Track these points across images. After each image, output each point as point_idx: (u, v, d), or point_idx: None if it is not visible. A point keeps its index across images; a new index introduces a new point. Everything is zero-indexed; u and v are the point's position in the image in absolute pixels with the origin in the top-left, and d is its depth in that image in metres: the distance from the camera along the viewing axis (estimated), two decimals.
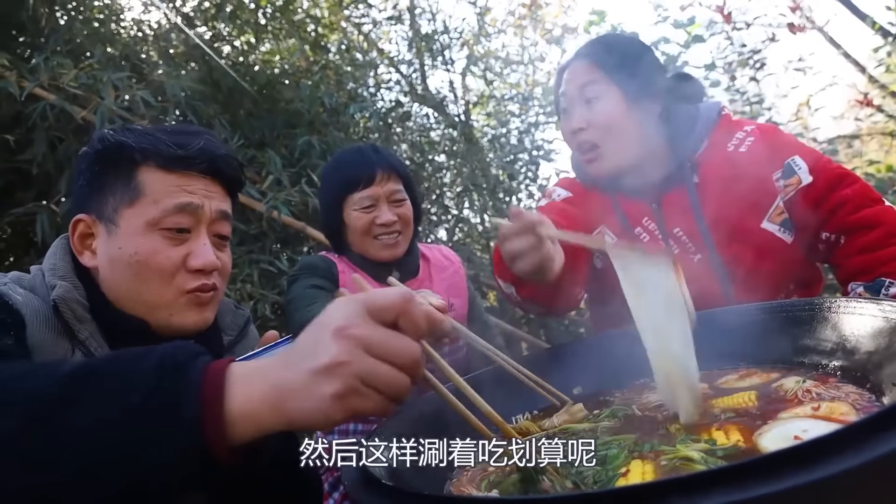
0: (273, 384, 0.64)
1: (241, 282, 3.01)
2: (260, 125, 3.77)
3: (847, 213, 1.44)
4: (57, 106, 2.81)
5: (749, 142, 1.55)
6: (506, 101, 5.89)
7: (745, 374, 0.99)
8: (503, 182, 5.17)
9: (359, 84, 4.57)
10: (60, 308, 1.00)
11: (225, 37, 4.23)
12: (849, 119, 6.21)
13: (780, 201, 1.50)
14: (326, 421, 0.64)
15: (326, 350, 0.63)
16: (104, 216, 1.06)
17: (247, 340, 1.28)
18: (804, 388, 0.84)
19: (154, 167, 1.06)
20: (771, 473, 0.48)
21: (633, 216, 1.57)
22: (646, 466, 0.74)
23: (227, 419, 0.63)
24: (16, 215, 2.92)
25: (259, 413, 0.64)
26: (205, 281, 1.07)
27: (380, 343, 0.64)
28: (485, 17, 5.72)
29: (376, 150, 1.86)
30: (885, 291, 1.36)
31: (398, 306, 0.66)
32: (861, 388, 0.82)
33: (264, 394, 0.64)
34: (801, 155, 1.52)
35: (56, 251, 1.09)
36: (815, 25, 5.92)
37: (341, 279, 1.80)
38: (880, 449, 0.48)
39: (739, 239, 1.49)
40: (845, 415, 0.72)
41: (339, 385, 0.62)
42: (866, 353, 0.86)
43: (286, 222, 3.24)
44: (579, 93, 1.54)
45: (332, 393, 0.62)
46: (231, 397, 0.63)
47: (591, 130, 1.53)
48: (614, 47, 1.60)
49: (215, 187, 1.11)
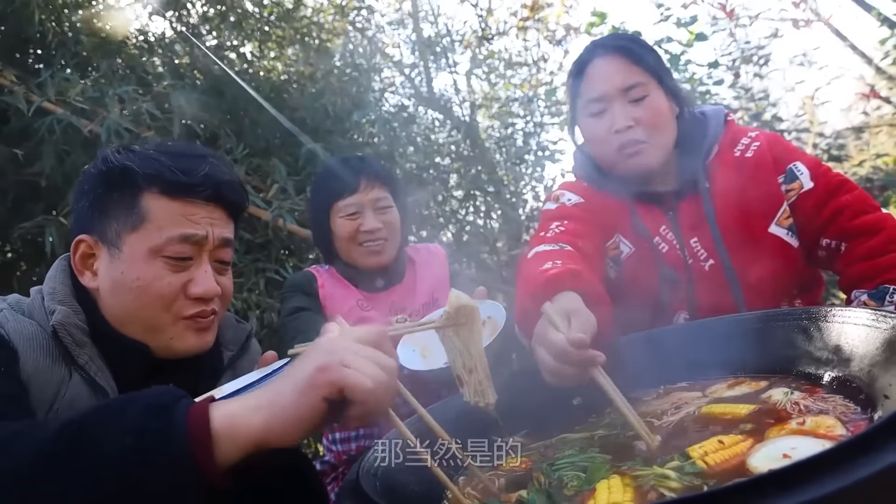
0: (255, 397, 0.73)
1: (247, 290, 3.04)
2: (264, 133, 3.79)
3: (847, 219, 1.45)
4: (64, 119, 2.84)
5: (755, 147, 1.56)
6: (510, 102, 5.88)
7: (734, 384, 1.00)
8: (508, 185, 5.16)
9: (362, 89, 4.58)
10: (59, 333, 1.01)
11: (229, 46, 4.25)
12: (856, 111, 6.16)
13: (785, 205, 1.51)
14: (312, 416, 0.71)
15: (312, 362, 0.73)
16: (107, 239, 1.07)
17: (248, 355, 1.29)
18: (792, 399, 0.84)
19: (158, 194, 1.06)
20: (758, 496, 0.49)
21: (651, 224, 1.55)
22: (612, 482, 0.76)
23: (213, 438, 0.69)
24: (25, 229, 2.95)
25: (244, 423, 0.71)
26: (203, 308, 1.08)
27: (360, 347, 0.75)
28: (487, 20, 5.71)
29: (361, 160, 1.90)
30: (890, 298, 1.35)
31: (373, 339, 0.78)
32: (850, 400, 0.82)
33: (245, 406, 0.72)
34: (802, 161, 1.53)
35: (56, 274, 1.10)
36: (820, 18, 5.87)
37: (321, 293, 1.85)
38: (864, 470, 0.49)
39: (750, 244, 1.49)
40: (831, 428, 0.73)
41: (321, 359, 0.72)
42: (860, 363, 0.87)
43: (292, 230, 3.26)
44: (622, 92, 1.51)
45: (316, 366, 0.71)
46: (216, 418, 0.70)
47: (638, 128, 1.50)
48: (647, 46, 1.60)
49: (219, 213, 1.11)
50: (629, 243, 1.57)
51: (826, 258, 1.51)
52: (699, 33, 4.50)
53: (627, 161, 1.53)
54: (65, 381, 1.00)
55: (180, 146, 1.19)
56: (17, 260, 3.58)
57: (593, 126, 1.56)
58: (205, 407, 0.71)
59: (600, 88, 1.52)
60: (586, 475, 0.82)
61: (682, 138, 1.57)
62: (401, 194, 1.92)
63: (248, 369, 1.30)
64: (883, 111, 5.86)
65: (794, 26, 5.41)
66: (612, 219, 1.58)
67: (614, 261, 1.58)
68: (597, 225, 1.55)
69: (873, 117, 5.90)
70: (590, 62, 1.56)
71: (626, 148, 1.51)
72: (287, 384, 0.73)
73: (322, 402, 0.71)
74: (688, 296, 1.51)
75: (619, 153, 1.53)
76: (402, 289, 1.91)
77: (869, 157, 5.32)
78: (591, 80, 1.55)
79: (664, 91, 1.53)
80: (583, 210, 1.59)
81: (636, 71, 1.51)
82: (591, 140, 1.60)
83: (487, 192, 4.90)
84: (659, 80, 1.53)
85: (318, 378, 0.71)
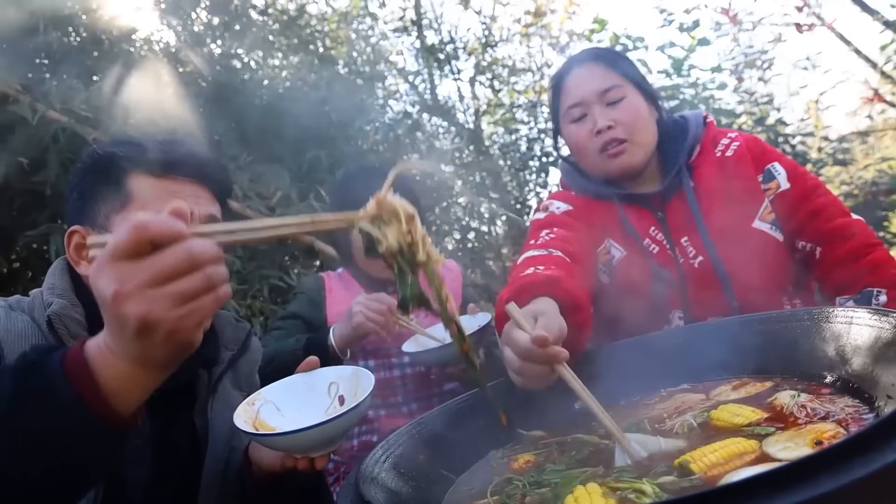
0: (125, 360, 0.68)
1: (251, 297, 3.04)
2: (268, 141, 3.80)
3: (822, 222, 1.49)
4: (69, 128, 2.86)
5: (735, 146, 1.61)
6: (514, 108, 5.89)
7: (738, 385, 0.99)
8: (512, 191, 5.17)
9: (366, 96, 4.60)
10: (55, 324, 1.02)
11: (234, 54, 4.28)
12: (861, 115, 6.15)
13: (767, 201, 1.55)
14: (192, 342, 0.68)
15: (125, 321, 0.65)
16: (97, 224, 1.09)
17: (249, 354, 1.30)
18: (799, 402, 0.83)
19: (143, 173, 1.09)
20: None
21: (641, 226, 1.58)
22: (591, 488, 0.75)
23: (107, 393, 0.69)
24: (30, 237, 2.97)
25: (137, 382, 0.70)
26: None
27: (155, 274, 0.64)
28: (491, 27, 5.73)
29: (383, 172, 1.89)
30: (876, 301, 1.38)
31: (139, 238, 0.64)
32: (857, 400, 0.81)
33: (127, 371, 0.69)
34: (780, 162, 1.58)
35: (55, 271, 1.12)
36: (823, 22, 5.87)
37: (329, 297, 1.89)
38: (860, 471, 0.49)
39: (736, 239, 1.52)
40: (829, 432, 0.72)
41: (164, 327, 0.65)
42: (862, 363, 0.86)
43: (295, 237, 3.26)
44: (599, 96, 1.56)
45: (164, 334, 0.65)
46: (104, 380, 0.69)
47: (619, 128, 1.55)
48: (619, 55, 1.67)
49: (204, 192, 1.14)
50: (620, 247, 1.59)
51: (802, 262, 1.55)
52: (702, 38, 4.50)
53: (611, 161, 1.57)
54: None
55: (164, 136, 1.20)
56: (23, 268, 3.60)
57: (575, 131, 1.60)
58: (78, 347, 0.71)
59: (578, 94, 1.58)
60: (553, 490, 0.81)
61: (663, 140, 1.62)
62: (418, 206, 1.93)
63: (248, 368, 1.30)
64: (888, 115, 5.85)
65: (797, 31, 5.41)
66: (601, 223, 1.60)
67: (606, 266, 1.60)
68: (586, 230, 1.58)
69: (878, 121, 5.89)
70: (567, 74, 1.63)
71: (609, 148, 1.56)
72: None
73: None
74: (681, 294, 1.52)
75: (601, 154, 1.57)
76: None
77: (874, 160, 5.30)
78: (569, 88, 1.61)
79: (642, 94, 1.59)
80: (572, 217, 1.61)
81: (612, 75, 1.57)
82: (574, 145, 1.64)
83: (492, 198, 4.90)
84: (635, 83, 1.59)
85: (159, 313, 0.65)
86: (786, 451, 0.73)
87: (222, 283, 0.69)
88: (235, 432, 1.26)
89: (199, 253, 0.66)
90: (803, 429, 0.76)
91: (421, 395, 1.90)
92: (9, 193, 3.09)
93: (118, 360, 0.69)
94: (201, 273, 0.66)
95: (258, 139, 3.79)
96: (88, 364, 0.69)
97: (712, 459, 0.73)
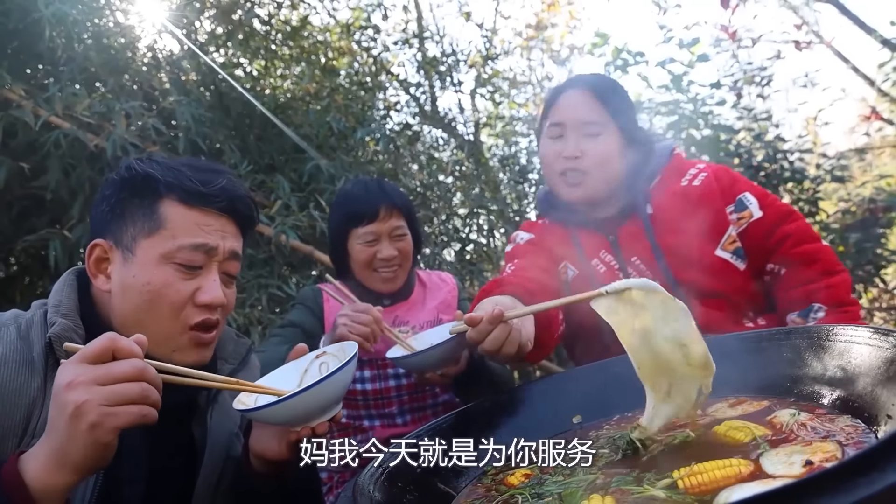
0: (48, 455, 0.81)
1: (249, 306, 3.03)
2: (269, 150, 3.81)
3: (790, 247, 1.58)
4: (70, 134, 2.86)
5: (702, 177, 1.68)
6: (514, 120, 5.92)
7: (735, 403, 0.99)
8: (511, 203, 5.18)
9: (367, 107, 4.61)
10: (55, 346, 1.02)
11: (236, 63, 4.30)
12: (859, 132, 6.20)
13: (732, 231, 1.62)
14: (106, 450, 0.80)
15: (65, 405, 0.78)
16: (122, 243, 1.09)
17: (248, 369, 1.31)
18: (799, 421, 0.83)
19: (176, 201, 1.09)
20: None
21: (590, 249, 1.67)
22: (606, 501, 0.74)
23: (34, 497, 0.80)
24: (30, 242, 2.97)
25: (55, 482, 0.80)
26: (209, 316, 1.10)
27: (104, 374, 0.79)
28: (492, 40, 5.77)
29: (381, 186, 1.93)
30: (814, 315, 1.50)
31: (105, 347, 0.81)
32: (856, 419, 0.81)
33: (47, 467, 0.80)
34: (751, 192, 1.66)
35: (62, 287, 1.11)
36: (822, 40, 5.91)
37: (326, 307, 1.90)
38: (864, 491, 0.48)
39: (694, 264, 1.58)
40: (831, 452, 0.72)
41: (90, 417, 0.77)
42: (862, 382, 0.86)
43: (294, 246, 3.26)
44: (580, 125, 1.63)
45: (88, 425, 0.77)
46: (30, 481, 0.80)
47: (585, 160, 1.62)
48: (617, 90, 1.73)
49: (230, 227, 1.15)
50: (573, 268, 1.69)
51: (770, 282, 1.63)
52: (701, 54, 4.53)
53: (567, 189, 1.66)
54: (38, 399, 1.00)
55: (201, 161, 1.25)
56: (21, 273, 3.59)
57: (548, 146, 1.69)
58: (14, 465, 0.81)
59: (562, 115, 1.67)
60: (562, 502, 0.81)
61: (629, 171, 1.68)
62: (415, 221, 1.96)
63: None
64: (885, 132, 5.88)
65: (796, 48, 5.46)
66: (558, 249, 1.70)
67: (564, 284, 1.67)
68: (545, 256, 1.68)
69: (876, 138, 5.93)
70: (562, 92, 1.71)
71: (567, 176, 1.65)
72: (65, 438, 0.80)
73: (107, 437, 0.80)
74: None
75: (560, 177, 1.67)
76: (407, 305, 1.97)
77: (872, 177, 5.33)
78: (558, 106, 1.69)
79: (620, 134, 1.65)
80: (532, 245, 1.76)
81: (599, 110, 1.64)
82: (543, 159, 1.73)
83: (491, 210, 4.91)
84: (618, 123, 1.65)
85: (98, 435, 0.79)
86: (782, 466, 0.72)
87: (153, 402, 0.82)
88: (233, 442, 1.26)
89: (144, 369, 0.82)
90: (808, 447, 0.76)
91: (416, 406, 1.90)
92: (8, 198, 3.09)
93: (43, 460, 0.81)
94: (139, 385, 0.81)
95: (258, 148, 3.80)
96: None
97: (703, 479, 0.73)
